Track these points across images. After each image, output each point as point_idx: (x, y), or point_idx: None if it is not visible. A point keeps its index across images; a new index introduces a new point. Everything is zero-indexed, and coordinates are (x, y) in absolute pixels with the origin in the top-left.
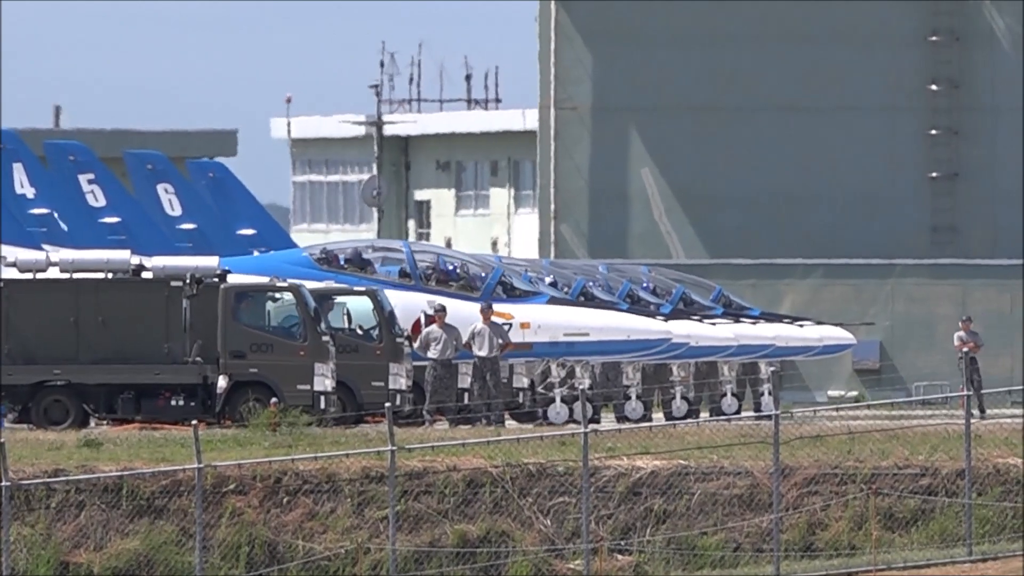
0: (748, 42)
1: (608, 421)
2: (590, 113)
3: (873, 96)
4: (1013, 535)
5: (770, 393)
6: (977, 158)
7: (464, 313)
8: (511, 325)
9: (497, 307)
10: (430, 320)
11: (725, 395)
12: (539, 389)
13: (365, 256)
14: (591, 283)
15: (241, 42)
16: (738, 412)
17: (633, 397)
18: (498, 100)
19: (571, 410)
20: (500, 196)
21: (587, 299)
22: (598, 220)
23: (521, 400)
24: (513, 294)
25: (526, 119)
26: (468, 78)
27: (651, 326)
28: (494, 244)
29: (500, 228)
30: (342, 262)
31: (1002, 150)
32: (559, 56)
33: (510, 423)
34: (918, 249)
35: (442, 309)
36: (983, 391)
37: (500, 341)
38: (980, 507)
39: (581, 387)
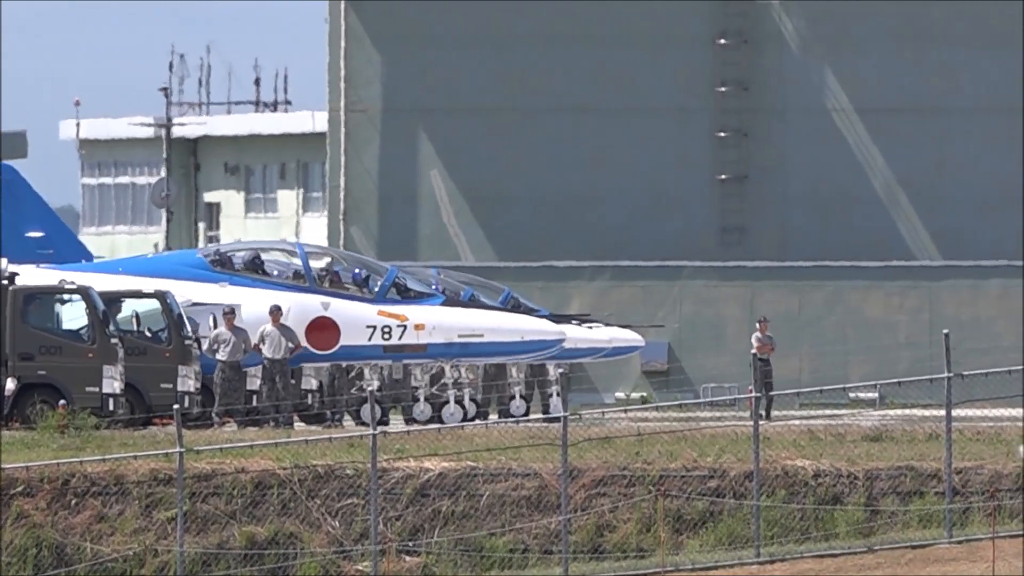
0: (537, 43)
1: (397, 423)
2: (380, 115)
3: (662, 97)
4: (800, 536)
5: (558, 395)
6: (766, 160)
7: (356, 314)
8: (405, 327)
9: (391, 308)
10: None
11: (513, 397)
12: (433, 390)
13: (259, 258)
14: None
15: (29, 43)
16: (526, 414)
17: (421, 399)
18: (287, 102)
19: (464, 409)
20: (289, 198)
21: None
22: (387, 222)
23: (310, 402)
24: (407, 295)
25: (315, 121)
26: (257, 81)
27: (545, 327)
28: None
29: (289, 230)
30: (236, 264)
31: (790, 152)
32: (349, 58)
33: (299, 425)
34: (707, 251)
35: (231, 311)
36: (772, 393)
37: (290, 344)
38: (768, 509)
39: (370, 389)
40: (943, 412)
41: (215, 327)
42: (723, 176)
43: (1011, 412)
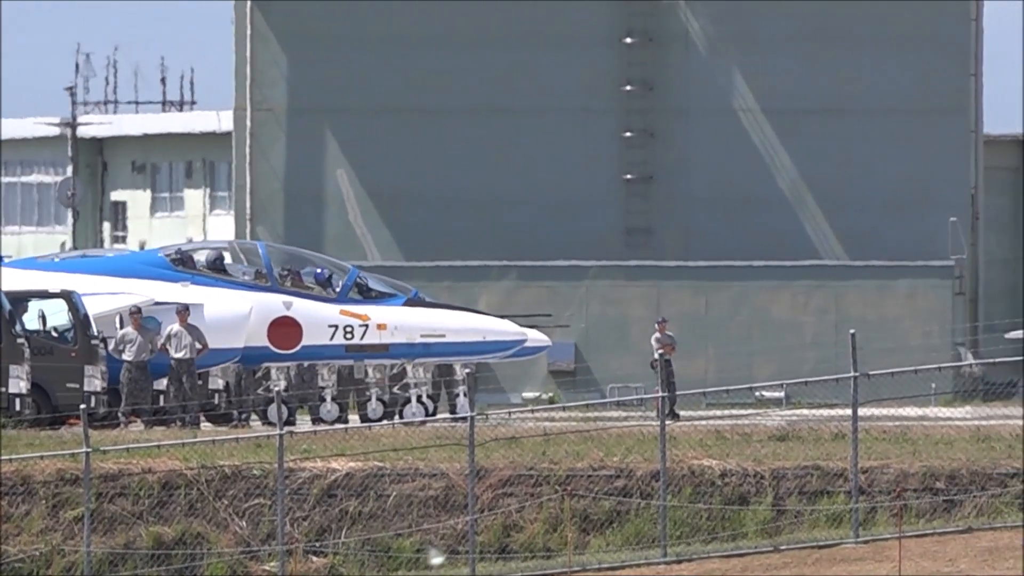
0: (443, 43)
1: (303, 423)
2: (285, 115)
3: (568, 98)
4: (707, 536)
5: (465, 395)
6: (671, 160)
7: (318, 313)
8: (367, 326)
9: (353, 308)
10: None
11: (420, 397)
12: (395, 390)
13: (221, 257)
14: None
15: None
16: (433, 414)
17: (328, 399)
18: (193, 102)
19: (425, 407)
20: (195, 198)
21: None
22: (294, 222)
23: (217, 402)
24: (369, 295)
25: (221, 121)
26: (163, 80)
27: (508, 327)
28: None
29: (195, 229)
30: (198, 263)
31: (696, 152)
32: (255, 57)
33: (206, 425)
34: (612, 251)
35: (137, 311)
36: (677, 393)
37: (197, 344)
38: (675, 509)
39: (276, 389)
40: (849, 411)
41: (121, 327)
42: (628, 176)
43: (917, 412)
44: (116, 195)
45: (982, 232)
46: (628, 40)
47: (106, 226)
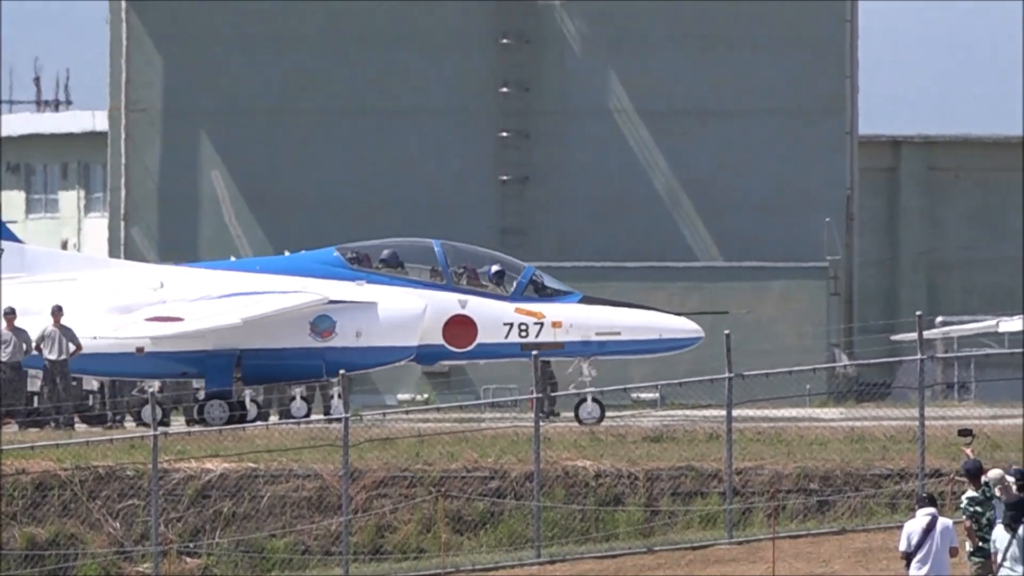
0: (319, 45)
1: (179, 424)
2: (161, 116)
3: (444, 98)
4: (581, 537)
5: (340, 396)
6: (547, 161)
7: (493, 311)
8: (542, 324)
9: (528, 306)
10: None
11: (295, 398)
12: (571, 389)
13: (397, 256)
14: None
15: None
16: (308, 415)
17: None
18: (69, 102)
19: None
20: (70, 199)
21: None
22: (169, 223)
23: (91, 403)
24: (544, 293)
25: (97, 121)
26: (37, 80)
27: (684, 325)
28: (64, 247)
29: (70, 231)
30: (374, 262)
31: (572, 153)
32: (130, 58)
33: (80, 426)
34: None
35: (11, 312)
36: (555, 394)
37: (71, 344)
38: (549, 510)
39: (151, 390)
40: (724, 412)
41: None
42: (504, 177)
43: (791, 412)
44: None
45: (857, 233)
46: (504, 41)
47: None
